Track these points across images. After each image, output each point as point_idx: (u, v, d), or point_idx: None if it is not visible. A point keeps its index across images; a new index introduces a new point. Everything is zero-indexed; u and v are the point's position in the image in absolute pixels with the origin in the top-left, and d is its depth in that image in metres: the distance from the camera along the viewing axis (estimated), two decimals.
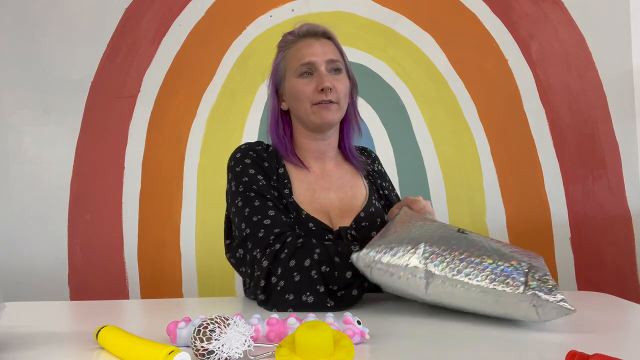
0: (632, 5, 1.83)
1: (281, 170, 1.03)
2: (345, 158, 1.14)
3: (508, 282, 0.71)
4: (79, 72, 1.92)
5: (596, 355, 0.53)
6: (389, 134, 1.89)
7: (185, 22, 1.92)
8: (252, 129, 1.90)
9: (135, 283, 1.87)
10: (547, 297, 0.68)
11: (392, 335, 0.72)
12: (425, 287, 0.75)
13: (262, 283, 0.88)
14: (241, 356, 0.59)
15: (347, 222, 1.03)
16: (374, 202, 1.09)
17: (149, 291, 1.87)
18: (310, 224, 0.98)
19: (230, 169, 1.03)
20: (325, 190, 1.06)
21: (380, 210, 1.10)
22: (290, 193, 1.01)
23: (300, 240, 0.90)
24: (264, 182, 0.98)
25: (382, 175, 1.21)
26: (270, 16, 1.91)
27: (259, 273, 0.89)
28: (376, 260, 0.77)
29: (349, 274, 0.86)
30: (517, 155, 1.86)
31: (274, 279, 0.87)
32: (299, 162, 1.07)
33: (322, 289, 0.85)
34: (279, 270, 0.87)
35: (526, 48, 1.87)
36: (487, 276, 0.72)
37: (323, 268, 0.86)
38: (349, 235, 1.00)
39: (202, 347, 0.58)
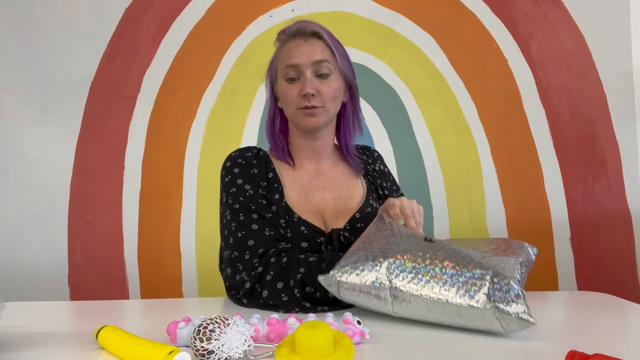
0: (632, 5, 1.83)
1: (271, 175, 1.03)
2: (343, 157, 1.13)
3: (470, 295, 0.71)
4: (79, 72, 1.92)
5: (596, 355, 0.53)
6: (389, 134, 1.89)
7: (185, 22, 1.92)
8: (252, 129, 1.90)
9: (135, 283, 1.87)
10: (507, 308, 0.68)
11: (392, 335, 0.72)
12: (391, 304, 0.76)
13: (245, 302, 0.92)
14: (241, 356, 0.59)
15: (341, 223, 1.02)
16: (371, 202, 1.08)
17: (149, 291, 1.87)
18: (302, 227, 0.98)
19: (221, 178, 1.03)
20: (320, 189, 1.06)
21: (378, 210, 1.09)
22: (282, 197, 1.01)
23: (285, 259, 0.90)
24: (252, 192, 0.98)
25: (384, 175, 1.19)
26: (270, 16, 1.91)
27: (240, 295, 0.92)
28: (342, 280, 0.78)
29: (332, 296, 0.85)
30: (517, 155, 1.86)
31: (261, 301, 0.89)
32: (292, 162, 1.07)
33: (308, 305, 0.87)
34: (266, 293, 0.88)
35: (526, 48, 1.87)
36: (449, 288, 0.72)
37: (307, 289, 0.87)
38: (341, 237, 0.99)
39: (202, 347, 0.58)
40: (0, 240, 1.91)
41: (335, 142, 1.15)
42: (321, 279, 0.81)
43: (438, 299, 0.72)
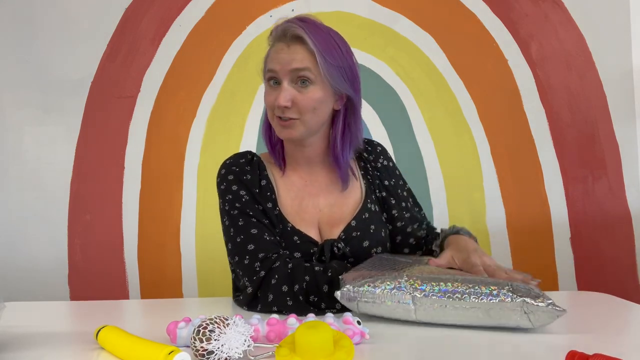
0: (632, 5, 1.83)
1: (264, 182, 1.01)
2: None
3: (495, 294, 0.71)
4: (79, 72, 1.92)
5: (596, 355, 0.53)
6: (389, 134, 1.89)
7: (185, 22, 1.92)
8: (252, 129, 1.90)
9: (135, 283, 1.87)
10: (536, 303, 0.69)
11: (392, 335, 0.72)
12: (414, 312, 0.75)
13: (245, 308, 0.91)
14: (241, 356, 0.59)
15: (336, 232, 0.99)
16: (369, 206, 1.04)
17: (149, 291, 1.87)
18: (295, 237, 0.96)
19: (217, 185, 1.03)
20: (314, 196, 1.03)
21: (377, 214, 1.04)
22: (275, 205, 0.99)
23: (290, 265, 0.89)
24: (247, 198, 0.97)
25: (388, 170, 1.11)
26: (270, 16, 1.91)
27: (242, 298, 0.92)
28: (361, 292, 0.77)
29: (338, 306, 0.84)
30: (517, 155, 1.86)
31: (262, 305, 0.88)
32: (283, 168, 1.04)
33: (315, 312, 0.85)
34: (271, 296, 0.87)
35: (526, 48, 1.87)
36: (472, 294, 0.72)
37: (311, 298, 0.86)
38: (335, 248, 0.97)
39: (201, 347, 0.58)
40: (0, 240, 1.91)
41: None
42: (337, 294, 0.79)
43: (465, 301, 0.72)
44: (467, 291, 0.73)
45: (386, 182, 1.09)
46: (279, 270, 0.88)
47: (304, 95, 0.93)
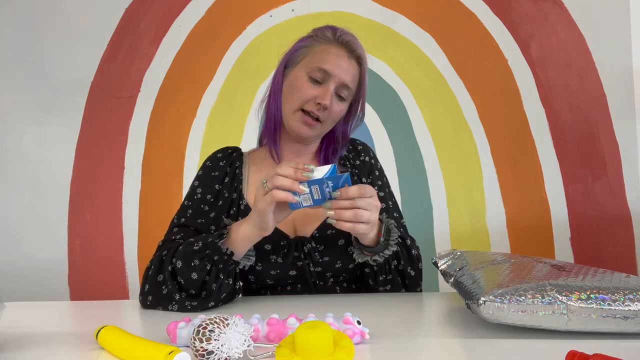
0: (632, 5, 1.83)
1: (228, 178, 1.03)
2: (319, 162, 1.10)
3: None
4: (79, 72, 1.92)
5: (596, 355, 0.53)
6: (389, 134, 1.89)
7: (185, 22, 1.92)
8: (252, 129, 1.90)
9: (135, 283, 1.87)
10: None
11: (392, 335, 0.72)
12: (566, 322, 0.69)
13: (140, 298, 0.93)
14: (241, 356, 0.59)
15: (310, 229, 0.99)
16: None
17: None
18: None
19: None
20: None
21: None
22: (240, 198, 1.01)
23: (164, 252, 0.92)
24: (200, 196, 1.03)
25: (365, 168, 1.10)
26: (270, 16, 1.91)
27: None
28: (507, 307, 0.69)
29: (194, 276, 0.86)
30: (517, 155, 1.86)
31: (141, 297, 0.92)
32: (274, 154, 1.07)
33: (180, 296, 0.87)
34: (147, 287, 0.91)
35: (526, 48, 1.87)
36: (624, 296, 0.68)
37: (179, 279, 0.88)
38: (304, 248, 0.97)
39: (201, 347, 0.58)
40: (0, 240, 1.91)
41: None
42: (481, 308, 0.69)
43: (619, 309, 0.67)
44: (620, 299, 0.68)
45: (363, 180, 1.08)
46: (155, 260, 0.92)
47: (337, 106, 1.00)
